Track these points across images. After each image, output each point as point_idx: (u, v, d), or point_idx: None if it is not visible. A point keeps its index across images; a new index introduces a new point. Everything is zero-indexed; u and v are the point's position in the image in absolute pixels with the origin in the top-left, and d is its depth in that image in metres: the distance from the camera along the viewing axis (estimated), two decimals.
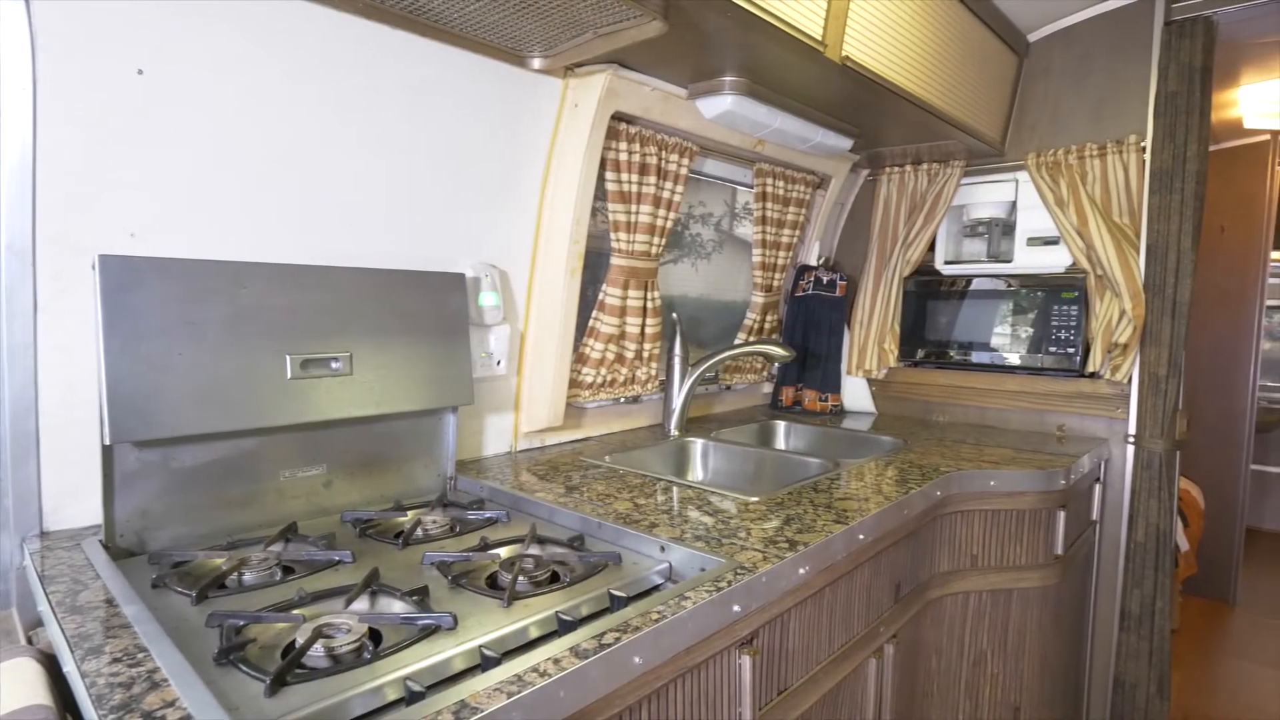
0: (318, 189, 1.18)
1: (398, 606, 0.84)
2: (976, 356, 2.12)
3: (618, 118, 1.54)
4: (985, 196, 2.14)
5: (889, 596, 1.29)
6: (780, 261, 2.16)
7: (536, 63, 1.36)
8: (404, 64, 1.22)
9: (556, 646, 0.70)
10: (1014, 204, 2.09)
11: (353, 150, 1.20)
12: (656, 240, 1.70)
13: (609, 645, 0.70)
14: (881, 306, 2.25)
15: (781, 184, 2.05)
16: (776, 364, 2.34)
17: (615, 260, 1.66)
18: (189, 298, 0.99)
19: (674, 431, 1.81)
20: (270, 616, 0.79)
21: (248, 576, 0.91)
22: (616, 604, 0.86)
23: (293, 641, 0.75)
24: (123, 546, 0.97)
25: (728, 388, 2.24)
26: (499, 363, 1.48)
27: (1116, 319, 1.84)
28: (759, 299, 2.15)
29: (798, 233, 2.17)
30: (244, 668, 0.69)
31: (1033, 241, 2.04)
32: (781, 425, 2.10)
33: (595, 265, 1.73)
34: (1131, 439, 1.86)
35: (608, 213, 1.63)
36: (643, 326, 1.73)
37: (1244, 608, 3.49)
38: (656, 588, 0.97)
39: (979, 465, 1.53)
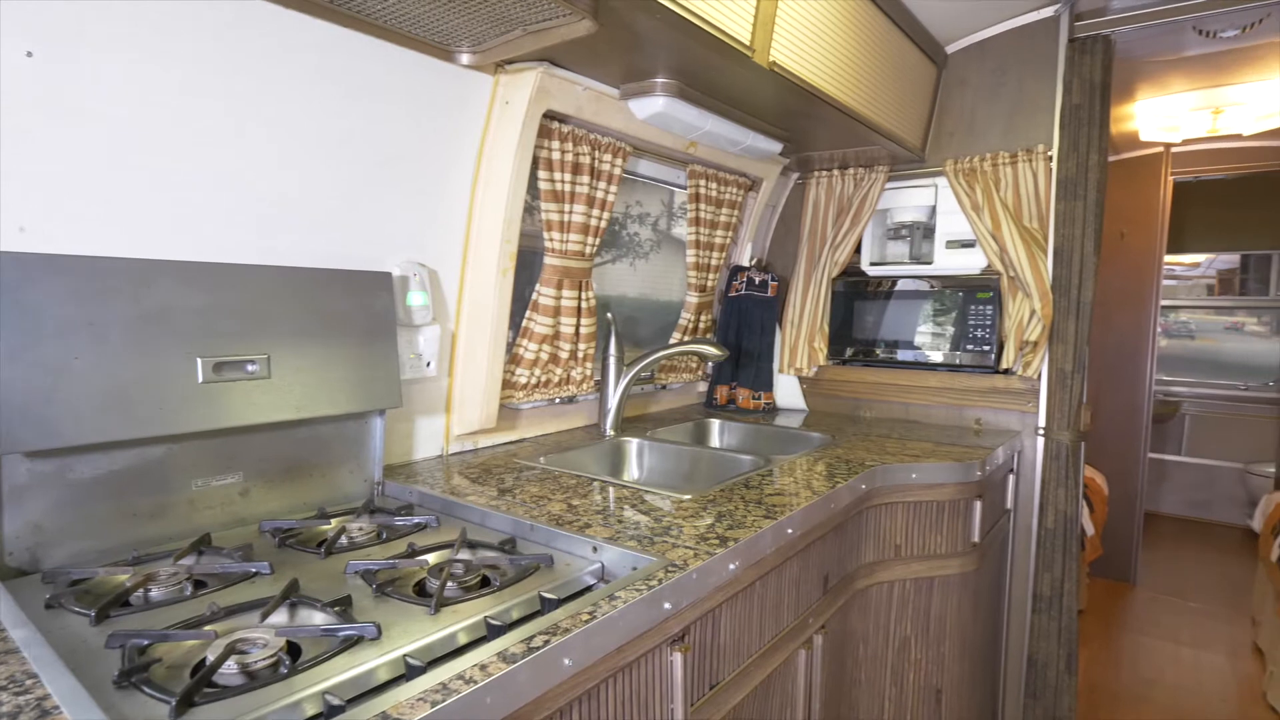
0: (233, 183, 1.12)
1: (318, 618, 0.81)
2: (901, 354, 2.21)
3: (550, 116, 1.53)
4: (907, 201, 2.23)
5: (818, 588, 1.33)
6: (714, 262, 2.19)
7: (465, 58, 1.34)
8: (326, 56, 1.18)
9: (484, 652, 0.69)
10: (934, 208, 2.19)
11: (271, 143, 1.15)
12: (591, 240, 1.70)
13: (538, 648, 0.70)
14: (811, 306, 2.31)
15: (714, 186, 2.08)
16: (711, 363, 2.37)
17: (549, 260, 1.65)
18: (88, 297, 0.93)
19: (610, 431, 1.81)
20: (178, 634, 0.75)
21: (155, 593, 0.86)
22: (547, 606, 0.85)
23: (203, 659, 0.71)
24: (12, 566, 0.90)
25: (663, 387, 2.26)
26: (429, 364, 1.45)
27: (1027, 318, 1.95)
28: (693, 299, 2.17)
29: (730, 234, 2.20)
30: (147, 689, 0.65)
31: (951, 244, 2.14)
32: (716, 423, 2.12)
33: (531, 264, 1.72)
34: (1041, 431, 1.97)
35: (541, 212, 1.62)
36: (577, 326, 1.73)
37: (1143, 587, 3.75)
38: (589, 588, 0.97)
39: (901, 459, 1.59)
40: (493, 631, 0.78)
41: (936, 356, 2.14)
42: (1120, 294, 3.73)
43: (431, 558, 0.99)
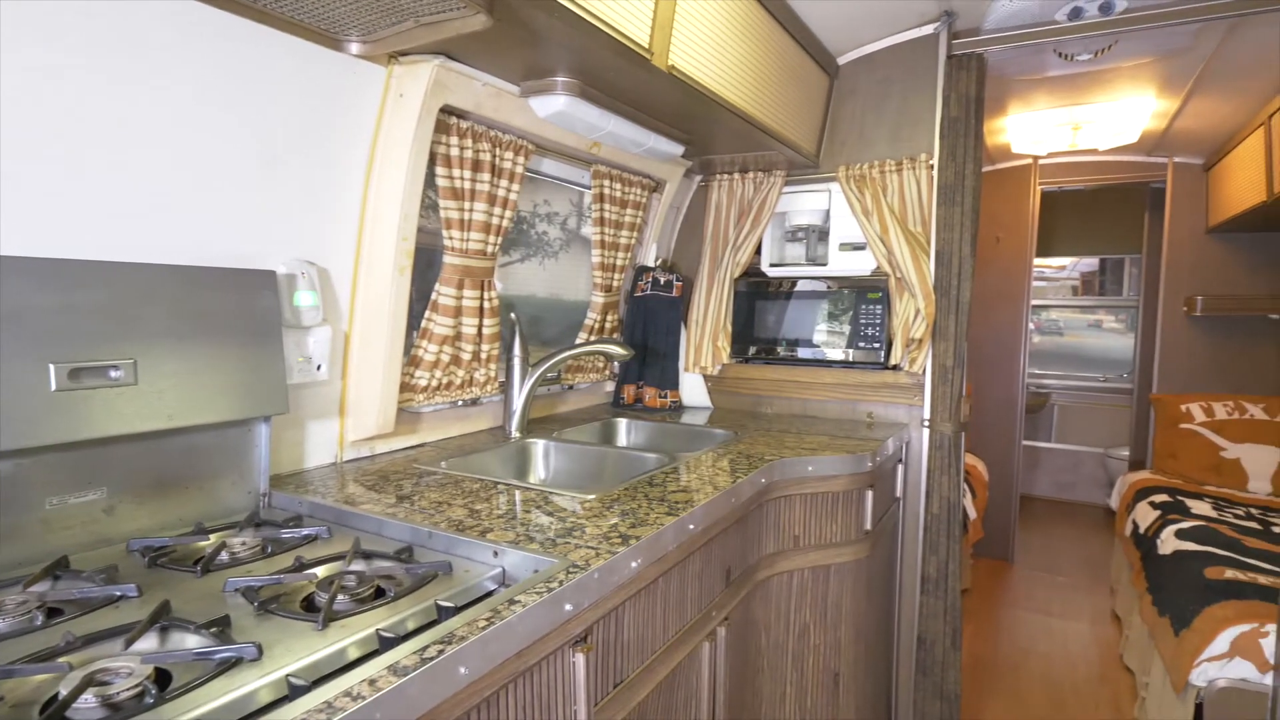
0: (96, 174, 1.03)
1: (192, 641, 0.76)
2: (799, 352, 2.29)
3: (448, 111, 1.49)
4: (803, 205, 2.32)
5: (720, 581, 1.36)
6: (619, 262, 2.20)
7: (355, 48, 1.28)
8: (205, 41, 1.10)
9: (374, 666, 0.67)
10: (828, 212, 2.29)
11: (141, 131, 1.06)
12: (493, 239, 1.67)
13: (431, 659, 0.68)
14: (715, 306, 2.36)
15: (618, 186, 2.09)
16: (617, 363, 2.38)
17: (449, 259, 1.61)
18: None
19: (515, 433, 1.79)
20: (25, 669, 0.68)
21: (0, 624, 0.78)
22: (444, 615, 0.83)
23: (55, 695, 0.65)
24: None
25: (570, 387, 2.25)
26: (319, 367, 1.38)
27: (913, 317, 2.07)
28: (599, 299, 2.17)
29: (635, 234, 2.22)
30: None
31: (844, 247, 2.24)
32: (623, 423, 2.14)
33: (435, 263, 1.67)
34: (926, 423, 2.10)
35: (440, 209, 1.58)
36: (480, 327, 1.69)
37: (1020, 564, 4.07)
38: (490, 594, 0.95)
39: (799, 453, 1.65)
40: (385, 644, 0.76)
41: (832, 354, 2.24)
42: (996, 294, 4.03)
43: (321, 571, 0.94)
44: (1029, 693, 2.68)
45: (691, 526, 1.19)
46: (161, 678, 0.70)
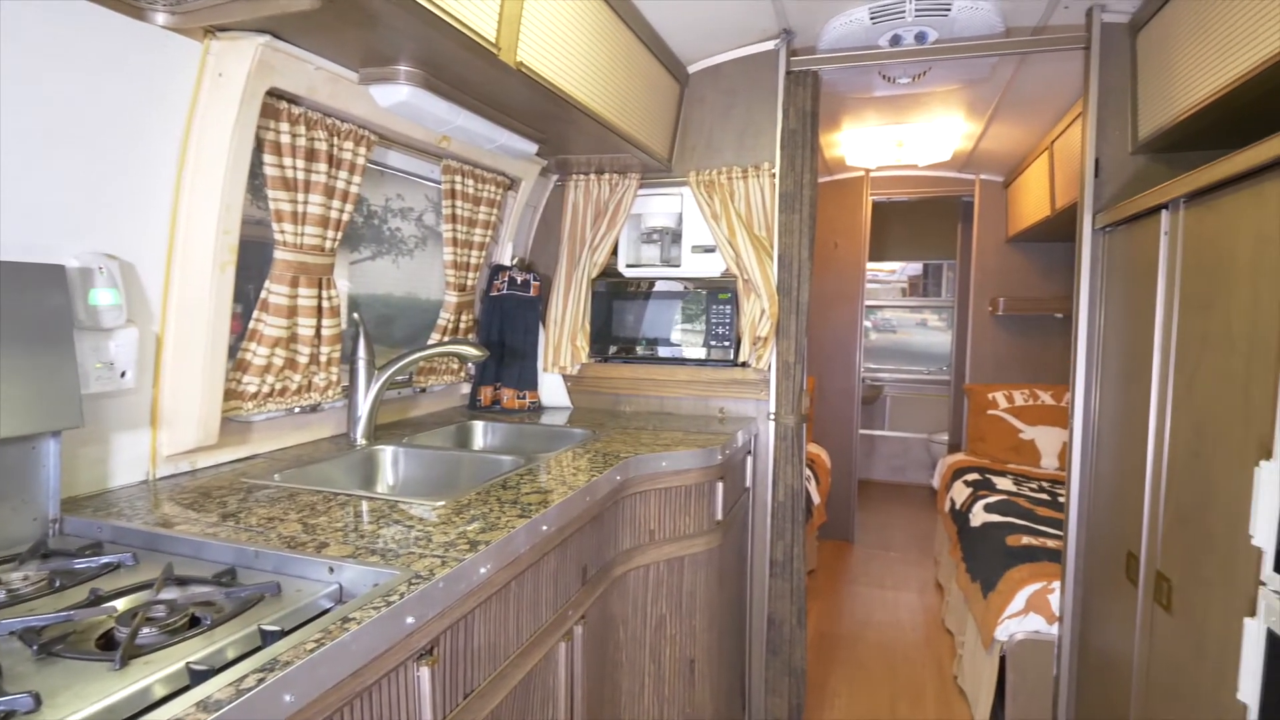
0: None
1: None
2: (656, 351, 2.35)
3: (278, 95, 1.38)
4: (658, 207, 2.38)
5: (576, 580, 1.36)
6: (473, 261, 2.14)
7: (160, 18, 1.15)
8: None
9: (180, 704, 0.60)
10: (680, 215, 2.36)
11: None
12: (331, 234, 1.57)
13: (249, 689, 0.63)
14: (573, 306, 2.36)
15: (471, 183, 2.04)
16: (472, 364, 2.32)
17: (281, 254, 1.49)
18: None
19: (361, 440, 1.69)
20: None
21: None
22: (269, 640, 0.77)
23: None
24: None
25: (423, 390, 2.16)
26: (124, 374, 1.23)
27: (759, 317, 2.19)
28: (452, 298, 2.11)
29: (490, 232, 2.17)
30: None
31: (696, 249, 2.32)
32: (480, 425, 2.09)
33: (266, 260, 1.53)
34: (772, 416, 2.22)
35: (269, 200, 1.46)
36: (318, 328, 1.58)
37: (860, 544, 4.42)
38: (324, 613, 0.89)
39: (654, 449, 1.69)
40: (196, 678, 0.69)
41: (687, 352, 2.31)
42: (835, 295, 4.36)
43: (122, 603, 0.84)
44: (868, 660, 2.92)
45: (545, 527, 1.18)
46: None
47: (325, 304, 1.59)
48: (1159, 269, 1.57)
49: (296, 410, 1.64)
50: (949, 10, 2.00)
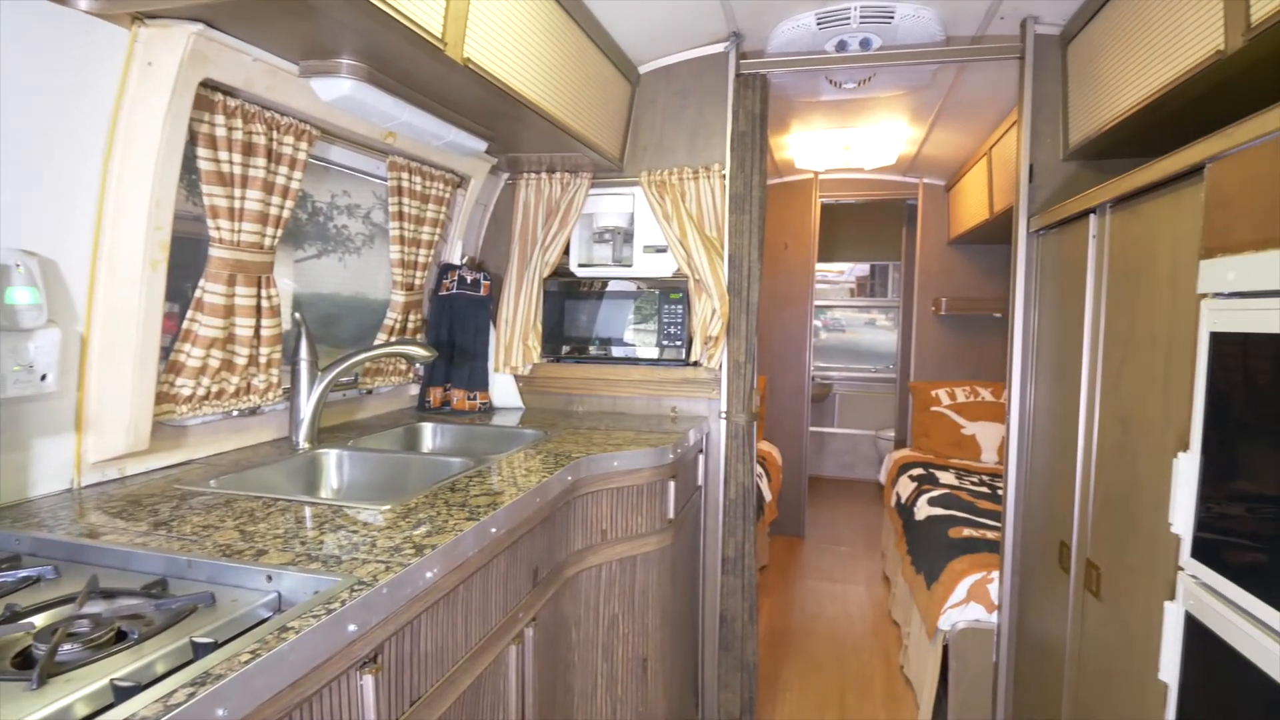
0: None
1: None
2: (609, 350, 2.35)
3: (212, 87, 1.33)
4: (609, 207, 2.38)
5: (527, 582, 1.35)
6: (421, 259, 2.10)
7: (84, 3, 1.10)
8: None
9: None
10: (632, 215, 2.36)
11: None
12: (270, 230, 1.52)
13: (179, 705, 0.60)
14: (525, 305, 2.34)
15: (419, 180, 2.00)
16: (421, 364, 2.27)
17: (216, 252, 1.43)
18: None
19: (303, 444, 1.64)
20: None
21: None
22: (202, 652, 0.74)
23: None
24: None
25: (369, 392, 2.11)
26: (45, 377, 1.16)
27: (710, 316, 2.21)
28: (400, 298, 2.06)
29: (438, 230, 2.13)
30: None
31: (648, 249, 2.33)
32: (429, 427, 2.05)
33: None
34: (723, 415, 2.25)
35: (204, 196, 1.40)
36: (257, 328, 1.53)
37: (811, 539, 4.51)
38: (262, 622, 0.86)
39: (606, 449, 1.69)
40: (121, 695, 0.66)
41: (639, 352, 2.32)
42: (785, 296, 4.43)
43: (40, 619, 0.80)
44: (818, 653, 2.98)
45: (494, 530, 1.17)
46: None
47: (265, 303, 1.54)
48: (1088, 271, 1.64)
49: (234, 413, 1.58)
50: (892, 18, 2.05)
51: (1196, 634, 1.08)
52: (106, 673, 0.70)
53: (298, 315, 1.66)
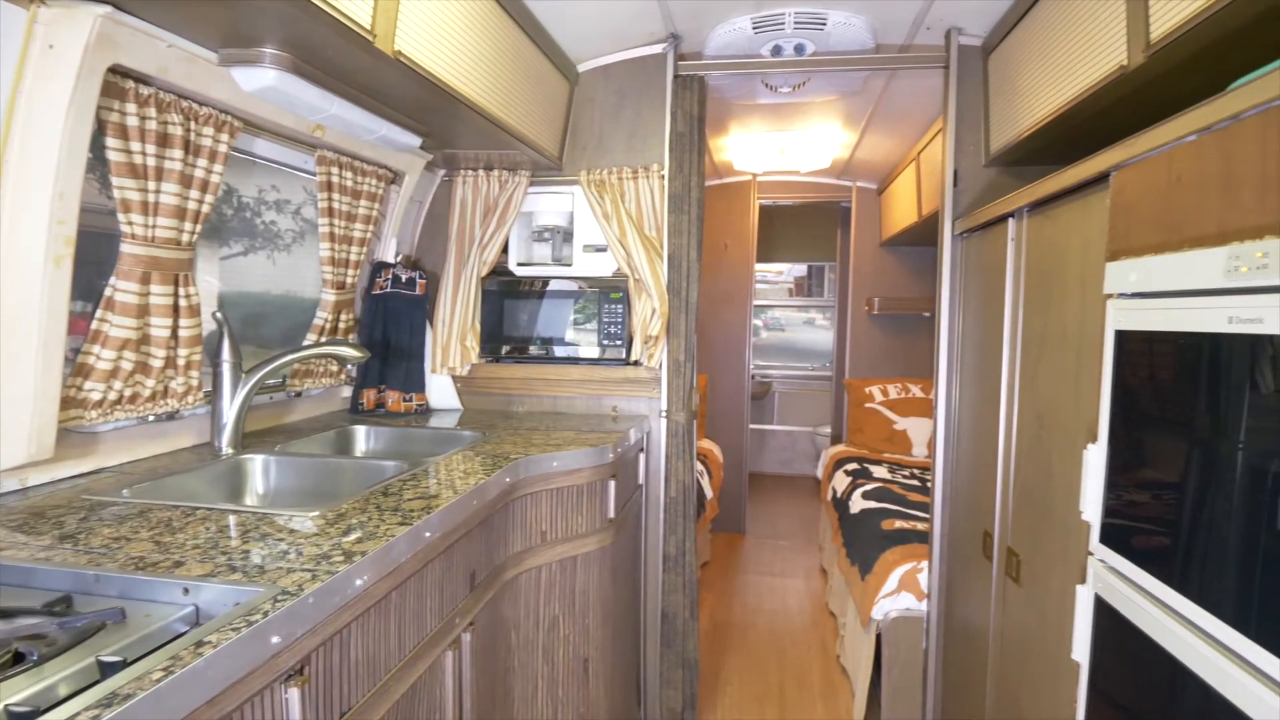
0: None
1: None
2: (548, 350, 2.33)
3: (123, 74, 1.26)
4: (548, 206, 2.36)
5: (464, 586, 1.33)
6: (353, 257, 2.04)
7: None
8: None
9: None
10: (572, 214, 2.35)
11: None
12: (189, 226, 1.44)
13: None
14: (462, 305, 2.30)
15: (349, 175, 1.94)
16: (353, 366, 2.21)
17: (129, 248, 1.36)
18: None
19: (227, 449, 1.57)
20: None
21: None
22: (109, 672, 0.70)
23: None
24: None
25: (298, 394, 2.03)
26: None
27: (650, 316, 2.22)
28: (330, 296, 1.99)
29: (371, 227, 2.07)
30: None
31: (588, 249, 2.32)
32: (362, 430, 1.99)
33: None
34: (663, 414, 2.26)
35: (114, 189, 1.32)
36: (174, 329, 1.46)
37: (751, 534, 4.58)
38: (178, 638, 0.82)
39: (545, 449, 1.68)
40: None
41: (579, 352, 2.31)
42: (726, 296, 4.49)
43: None
44: (757, 646, 3.03)
45: (429, 534, 1.14)
46: None
47: (183, 302, 1.47)
48: (1007, 272, 1.72)
49: (150, 419, 1.50)
50: (825, 24, 2.10)
51: (1105, 615, 1.15)
52: (1, 699, 0.65)
53: (219, 315, 1.58)
